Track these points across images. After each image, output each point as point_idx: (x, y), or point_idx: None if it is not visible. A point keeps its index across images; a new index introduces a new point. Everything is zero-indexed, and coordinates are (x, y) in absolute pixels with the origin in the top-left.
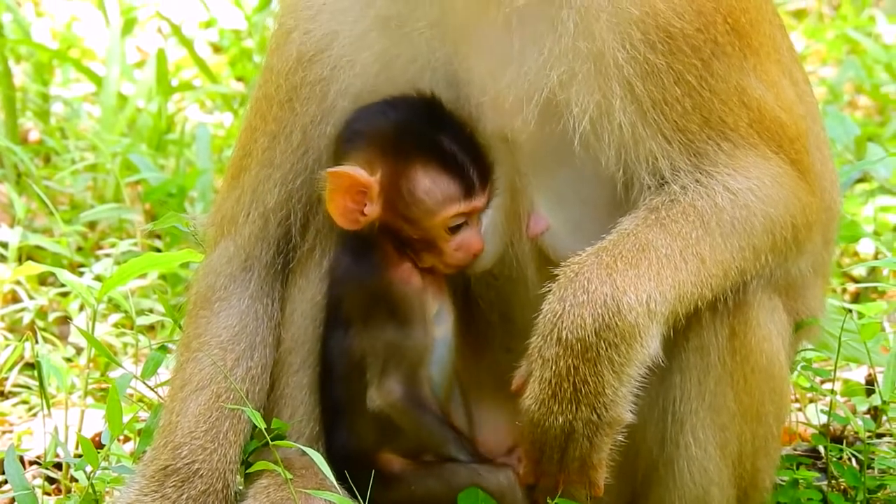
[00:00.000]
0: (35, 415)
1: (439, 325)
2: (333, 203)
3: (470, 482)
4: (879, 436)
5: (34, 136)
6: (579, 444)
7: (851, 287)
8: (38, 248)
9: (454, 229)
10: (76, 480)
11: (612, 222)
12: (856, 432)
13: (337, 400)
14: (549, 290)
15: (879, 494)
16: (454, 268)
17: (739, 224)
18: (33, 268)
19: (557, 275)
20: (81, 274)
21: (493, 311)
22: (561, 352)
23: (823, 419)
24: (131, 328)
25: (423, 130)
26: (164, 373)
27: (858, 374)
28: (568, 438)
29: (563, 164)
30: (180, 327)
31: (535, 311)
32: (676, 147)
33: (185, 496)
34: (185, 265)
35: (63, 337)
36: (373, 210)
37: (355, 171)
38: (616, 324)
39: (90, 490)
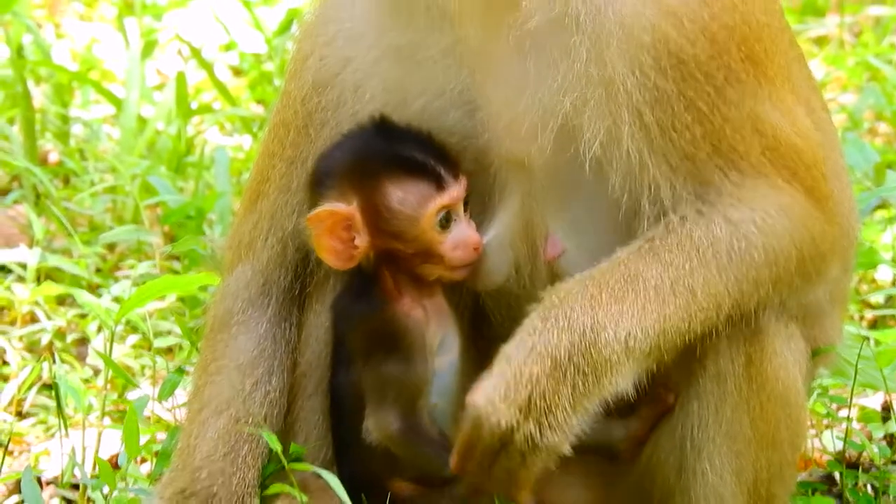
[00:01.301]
0: (52, 435)
1: (445, 352)
2: (323, 247)
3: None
4: (895, 462)
5: (53, 157)
6: (512, 457)
7: (869, 314)
8: (57, 269)
9: (443, 227)
10: (93, 501)
11: None
12: (871, 459)
13: (345, 434)
14: (533, 309)
15: None
16: (462, 270)
17: (737, 255)
18: (52, 288)
19: (542, 297)
20: (100, 295)
21: (504, 328)
22: (528, 360)
23: (839, 445)
24: (149, 350)
25: (380, 148)
26: (182, 395)
27: (875, 401)
28: (503, 447)
29: (578, 190)
30: (198, 350)
31: None
32: (681, 176)
33: None
34: (204, 288)
35: (81, 358)
36: (362, 240)
37: (333, 206)
38: (591, 354)
39: None
